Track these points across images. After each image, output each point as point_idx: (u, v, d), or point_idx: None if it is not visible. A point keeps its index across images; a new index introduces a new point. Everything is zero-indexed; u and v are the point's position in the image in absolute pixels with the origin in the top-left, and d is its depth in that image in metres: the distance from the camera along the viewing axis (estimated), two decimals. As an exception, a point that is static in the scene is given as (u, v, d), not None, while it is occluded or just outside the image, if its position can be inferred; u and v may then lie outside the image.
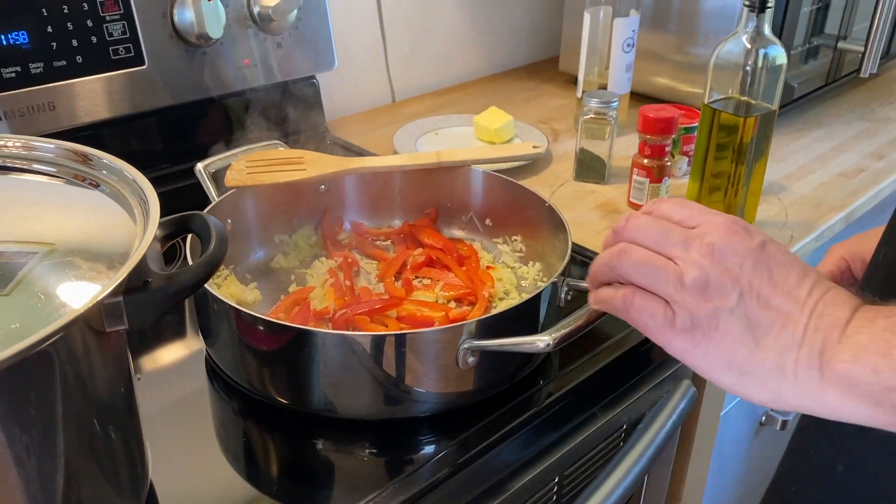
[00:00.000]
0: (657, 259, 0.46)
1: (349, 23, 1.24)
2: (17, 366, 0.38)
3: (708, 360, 0.45)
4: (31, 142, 0.54)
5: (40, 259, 0.47)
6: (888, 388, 0.40)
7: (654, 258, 0.46)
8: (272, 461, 0.65)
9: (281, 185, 0.77)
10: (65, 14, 0.89)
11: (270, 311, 0.72)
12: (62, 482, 0.45)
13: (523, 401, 0.68)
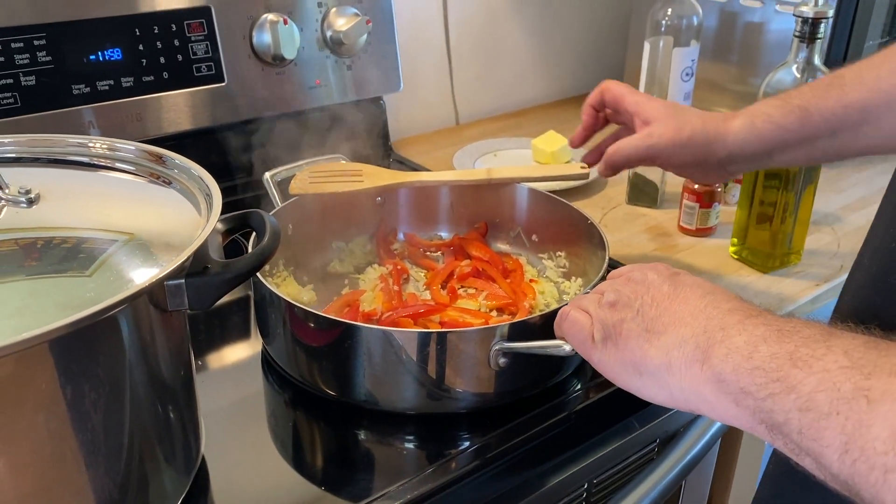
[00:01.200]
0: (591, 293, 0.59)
1: (418, 48, 1.30)
2: (88, 329, 0.43)
3: (617, 367, 0.53)
4: (115, 143, 0.61)
5: (119, 246, 0.53)
6: (742, 389, 0.43)
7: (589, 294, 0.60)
8: (317, 447, 0.70)
9: (340, 194, 0.83)
10: (155, 34, 0.97)
11: (323, 311, 0.78)
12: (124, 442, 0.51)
13: (555, 405, 0.71)
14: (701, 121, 0.76)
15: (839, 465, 0.38)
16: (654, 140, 0.76)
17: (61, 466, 0.47)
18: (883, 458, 0.35)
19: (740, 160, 0.76)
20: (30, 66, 0.90)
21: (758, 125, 0.73)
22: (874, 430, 0.36)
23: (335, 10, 1.09)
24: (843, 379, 0.38)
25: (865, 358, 0.39)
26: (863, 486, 0.37)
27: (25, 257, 0.51)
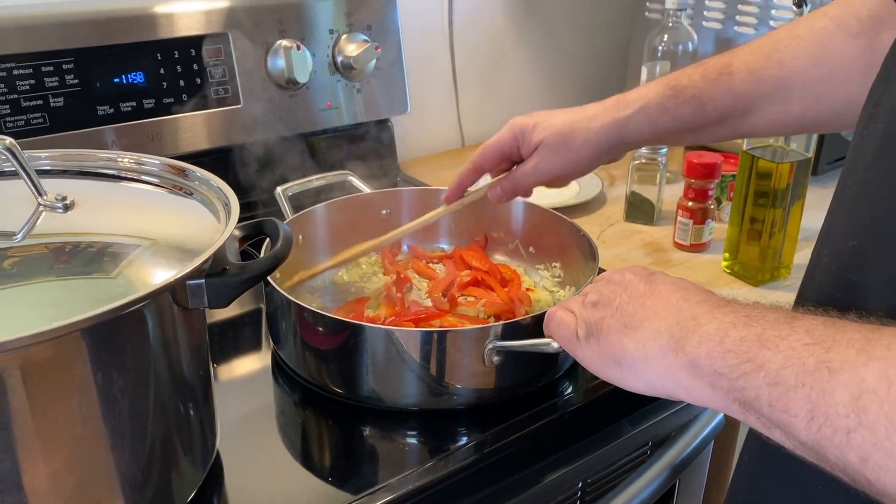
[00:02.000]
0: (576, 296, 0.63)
1: (425, 73, 1.36)
2: (117, 320, 0.48)
3: (599, 361, 0.57)
4: (141, 157, 0.66)
5: (144, 250, 0.58)
6: (716, 371, 0.47)
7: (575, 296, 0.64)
8: (325, 443, 0.74)
9: (349, 207, 0.89)
10: (175, 59, 1.03)
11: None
12: (147, 428, 0.55)
13: (549, 405, 0.75)
14: (591, 148, 0.79)
15: (807, 433, 0.42)
16: (537, 175, 0.81)
17: (90, 447, 0.52)
18: (845, 420, 0.39)
19: (633, 147, 0.82)
20: (58, 88, 0.96)
21: (653, 118, 0.77)
22: (836, 397, 0.40)
23: (346, 36, 1.14)
24: (806, 354, 0.43)
25: (825, 334, 0.43)
26: (828, 449, 0.41)
27: (56, 260, 0.55)
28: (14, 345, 0.44)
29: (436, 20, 1.35)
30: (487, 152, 0.84)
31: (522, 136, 0.82)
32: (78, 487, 0.52)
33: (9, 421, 0.47)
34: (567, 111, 0.82)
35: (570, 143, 0.79)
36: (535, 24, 1.48)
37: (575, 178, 0.84)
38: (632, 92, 0.80)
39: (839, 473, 0.41)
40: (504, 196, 0.84)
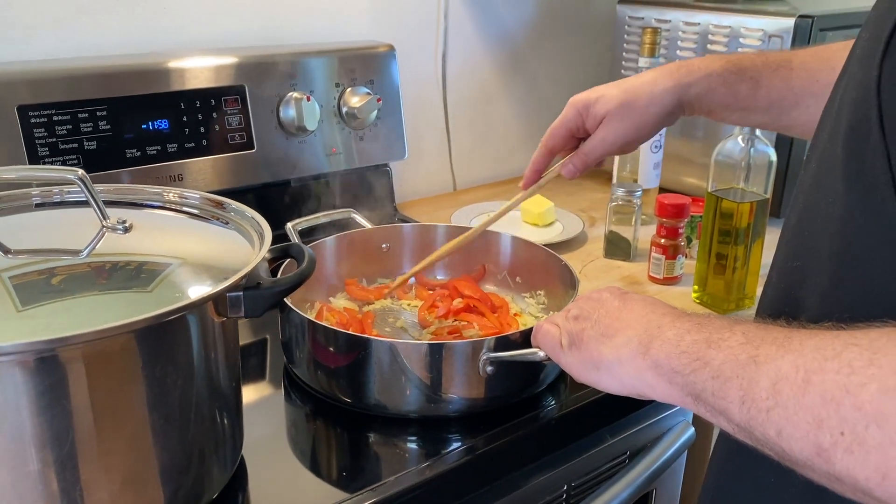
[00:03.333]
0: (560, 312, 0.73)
1: (421, 123, 1.47)
2: (166, 323, 0.58)
3: (580, 366, 0.66)
4: (184, 192, 0.76)
5: (187, 270, 0.68)
6: (673, 370, 0.56)
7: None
8: (333, 448, 0.83)
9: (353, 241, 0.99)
10: (197, 107, 1.14)
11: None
12: (190, 419, 0.64)
13: (536, 414, 0.84)
14: (656, 110, 0.85)
15: (739, 416, 0.51)
16: (607, 145, 0.88)
17: (140, 434, 0.61)
18: (766, 402, 0.49)
19: (688, 113, 0.88)
20: (92, 133, 1.06)
21: (714, 87, 0.84)
22: (760, 384, 0.50)
23: (350, 89, 1.26)
24: (740, 351, 0.52)
25: (756, 335, 0.53)
26: (755, 427, 0.50)
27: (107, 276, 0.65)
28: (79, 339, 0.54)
29: (431, 75, 1.48)
30: (557, 132, 0.91)
31: (587, 111, 0.88)
32: (127, 469, 0.61)
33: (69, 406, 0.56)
34: (623, 81, 0.88)
35: (634, 108, 0.85)
36: (520, 79, 1.61)
37: (640, 143, 0.90)
38: (696, 61, 0.86)
39: (763, 448, 0.51)
40: (577, 171, 0.90)
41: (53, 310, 0.61)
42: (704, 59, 0.87)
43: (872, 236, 0.50)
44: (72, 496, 0.58)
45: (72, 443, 0.57)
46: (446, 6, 1.44)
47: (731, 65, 0.85)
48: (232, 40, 1.23)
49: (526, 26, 1.58)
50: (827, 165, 0.55)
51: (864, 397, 0.43)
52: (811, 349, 0.47)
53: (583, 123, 0.90)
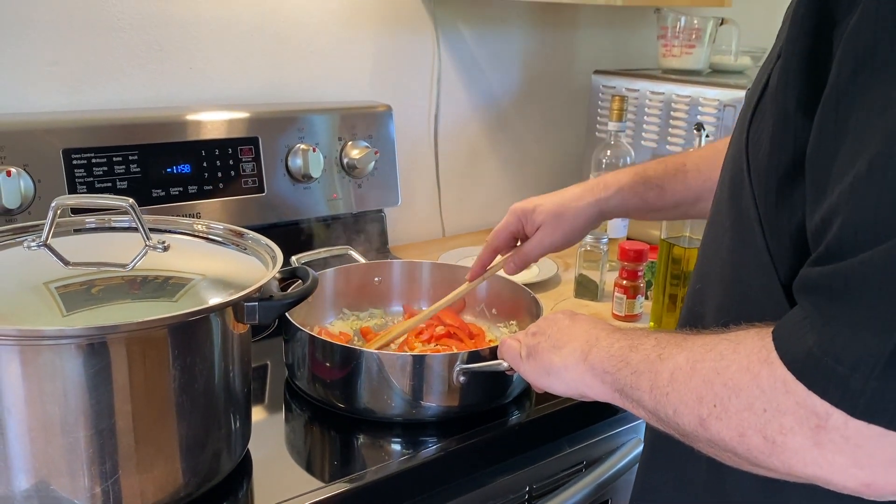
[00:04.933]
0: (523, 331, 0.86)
1: (413, 173, 1.63)
2: (193, 322, 0.72)
3: (535, 373, 0.80)
4: (210, 224, 0.91)
5: (211, 284, 0.82)
6: (605, 370, 0.70)
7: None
8: (326, 446, 0.96)
9: (349, 274, 1.14)
10: (215, 155, 1.30)
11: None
12: (211, 406, 0.78)
13: (503, 421, 0.98)
14: (583, 220, 1.01)
15: (649, 401, 0.65)
16: (542, 248, 1.02)
17: (169, 411, 0.74)
18: (666, 388, 0.63)
19: (610, 217, 1.04)
20: (124, 174, 1.22)
21: (626, 198, 0.99)
22: (663, 375, 0.64)
23: (351, 143, 1.42)
24: (652, 352, 0.66)
25: (665, 339, 0.67)
26: (660, 409, 0.64)
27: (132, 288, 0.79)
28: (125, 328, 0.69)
29: (424, 133, 1.64)
30: (500, 235, 1.05)
31: (525, 218, 1.03)
32: (155, 443, 0.74)
33: (113, 386, 0.70)
34: (556, 194, 1.03)
35: (564, 218, 1.00)
36: (505, 137, 1.78)
37: (570, 245, 1.04)
38: (609, 176, 1.02)
39: (667, 428, 0.64)
40: (517, 269, 1.04)
41: (94, 314, 0.75)
42: (617, 173, 1.03)
43: (748, 262, 0.65)
44: (111, 462, 0.71)
45: (113, 416, 0.71)
46: (439, 73, 1.62)
47: (639, 177, 1.00)
48: (249, 97, 1.40)
49: (511, 92, 1.76)
50: (719, 207, 0.70)
51: (727, 375, 0.57)
52: (699, 345, 0.62)
53: (522, 228, 1.04)
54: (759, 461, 0.56)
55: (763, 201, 0.61)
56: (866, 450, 0.49)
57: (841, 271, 0.49)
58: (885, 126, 0.47)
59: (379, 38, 1.52)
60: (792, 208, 0.59)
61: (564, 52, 1.82)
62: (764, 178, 0.61)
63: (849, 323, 0.49)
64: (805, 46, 0.55)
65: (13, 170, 1.10)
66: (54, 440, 0.70)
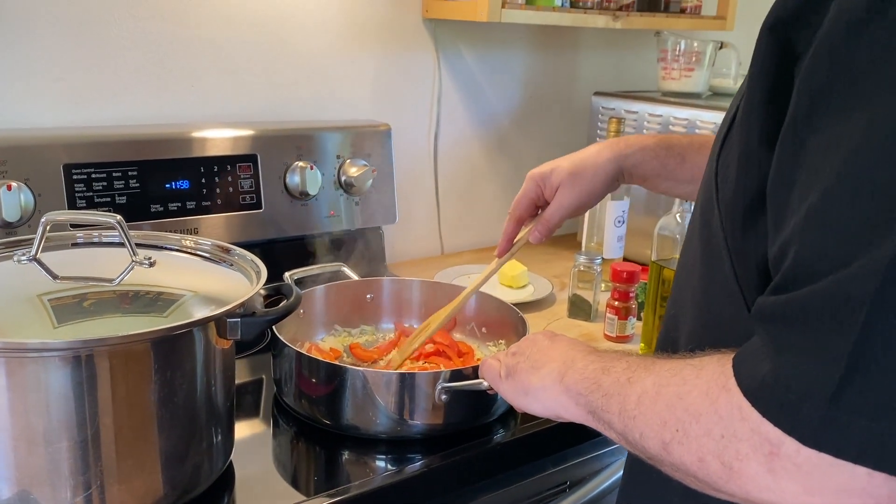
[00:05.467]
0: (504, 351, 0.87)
1: (414, 193, 1.65)
2: (176, 336, 0.73)
3: (513, 392, 0.81)
4: (198, 240, 0.93)
5: (199, 299, 0.84)
6: (579, 392, 0.71)
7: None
8: (312, 462, 0.97)
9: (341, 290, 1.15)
10: (214, 171, 1.32)
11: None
12: (192, 419, 0.79)
13: (486, 440, 0.98)
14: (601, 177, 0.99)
15: (619, 424, 0.66)
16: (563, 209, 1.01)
17: (148, 424, 0.75)
18: (633, 411, 0.64)
19: (627, 181, 1.02)
20: (123, 189, 1.24)
21: (647, 159, 0.98)
22: (630, 398, 0.64)
23: (350, 161, 1.44)
24: (622, 375, 0.67)
25: (635, 363, 0.67)
26: (628, 433, 0.64)
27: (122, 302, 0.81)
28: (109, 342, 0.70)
29: (424, 152, 1.66)
30: (521, 204, 1.04)
31: (544, 182, 1.02)
32: (136, 454, 0.75)
33: (96, 397, 0.71)
34: (574, 154, 1.01)
35: (583, 176, 0.98)
36: (504, 157, 1.80)
37: (592, 205, 1.02)
38: (633, 137, 1.02)
39: (634, 450, 0.64)
40: (542, 236, 1.02)
41: (85, 327, 0.77)
42: (641, 135, 1.03)
43: (717, 289, 0.65)
44: (93, 471, 0.73)
45: (96, 427, 0.72)
46: (440, 93, 1.64)
47: (663, 142, 1.00)
48: (249, 115, 1.42)
49: (511, 112, 1.77)
50: (692, 233, 0.71)
51: (689, 400, 0.58)
52: (665, 370, 0.62)
53: (541, 193, 1.04)
54: (719, 486, 0.56)
55: (730, 230, 0.62)
56: (817, 478, 0.49)
57: (794, 301, 0.50)
58: (837, 162, 0.48)
59: (380, 58, 1.55)
60: (757, 238, 0.60)
61: (565, 74, 1.84)
62: (731, 207, 0.62)
63: (800, 352, 0.49)
64: (768, 80, 0.56)
65: (14, 184, 1.12)
66: (37, 450, 0.72)
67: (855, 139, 0.47)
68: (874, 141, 0.46)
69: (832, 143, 0.49)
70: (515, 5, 1.44)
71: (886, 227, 0.45)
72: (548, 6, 1.49)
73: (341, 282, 1.21)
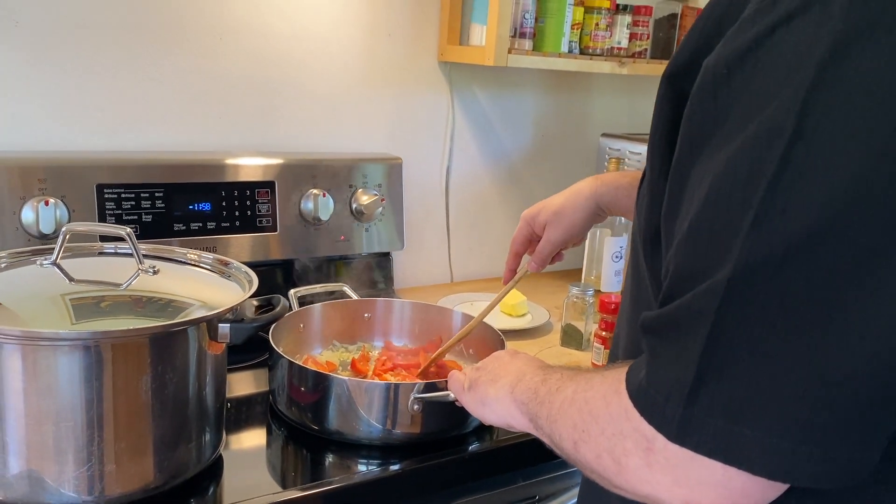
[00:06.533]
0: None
1: (425, 222, 1.75)
2: (170, 333, 0.84)
3: (473, 403, 0.89)
4: (201, 254, 1.04)
5: (190, 305, 0.94)
6: (523, 402, 0.78)
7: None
8: (299, 462, 1.06)
9: (339, 308, 1.25)
10: (234, 195, 1.44)
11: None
12: (182, 410, 0.89)
13: (461, 449, 1.06)
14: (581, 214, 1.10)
15: (546, 427, 0.73)
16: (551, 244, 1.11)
17: (144, 412, 0.85)
18: (556, 415, 0.71)
19: (608, 214, 1.11)
20: (150, 209, 1.36)
21: (620, 195, 1.07)
22: (555, 404, 0.72)
23: (361, 190, 1.55)
24: (553, 385, 0.75)
25: (567, 375, 0.75)
26: (553, 435, 0.72)
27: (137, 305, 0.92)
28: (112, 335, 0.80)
29: (436, 183, 1.76)
30: (517, 241, 1.16)
31: (533, 221, 1.14)
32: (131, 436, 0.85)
33: (100, 383, 0.81)
34: (560, 194, 1.13)
35: (565, 214, 1.10)
36: (514, 192, 1.88)
37: (578, 238, 1.13)
38: (609, 175, 1.12)
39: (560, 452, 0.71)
40: (538, 266, 1.13)
41: (99, 324, 0.88)
42: (618, 174, 1.13)
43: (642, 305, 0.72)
44: (93, 449, 0.83)
45: (98, 409, 0.82)
46: (453, 130, 1.74)
47: (636, 180, 1.07)
48: (270, 145, 1.54)
49: (522, 150, 1.87)
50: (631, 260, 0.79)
51: (592, 404, 0.65)
52: (583, 379, 0.70)
53: (533, 231, 1.15)
54: (613, 481, 0.63)
55: (646, 252, 0.70)
56: (682, 470, 0.56)
57: (663, 315, 0.58)
58: (701, 194, 0.56)
59: (398, 97, 1.66)
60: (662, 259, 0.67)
61: (577, 115, 1.93)
62: (644, 232, 0.70)
63: (665, 359, 0.57)
64: (666, 123, 0.64)
65: (51, 200, 1.25)
66: (45, 429, 0.82)
67: (715, 175, 0.55)
68: (725, 178, 0.54)
69: (704, 178, 0.57)
70: (522, 51, 1.54)
71: (727, 251, 0.52)
72: (554, 52, 1.59)
73: (340, 300, 1.30)
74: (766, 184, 0.51)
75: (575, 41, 1.64)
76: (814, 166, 0.50)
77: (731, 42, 0.55)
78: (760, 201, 0.51)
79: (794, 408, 0.52)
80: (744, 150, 0.53)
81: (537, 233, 1.14)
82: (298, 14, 1.51)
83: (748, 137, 0.52)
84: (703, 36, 0.60)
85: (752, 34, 0.53)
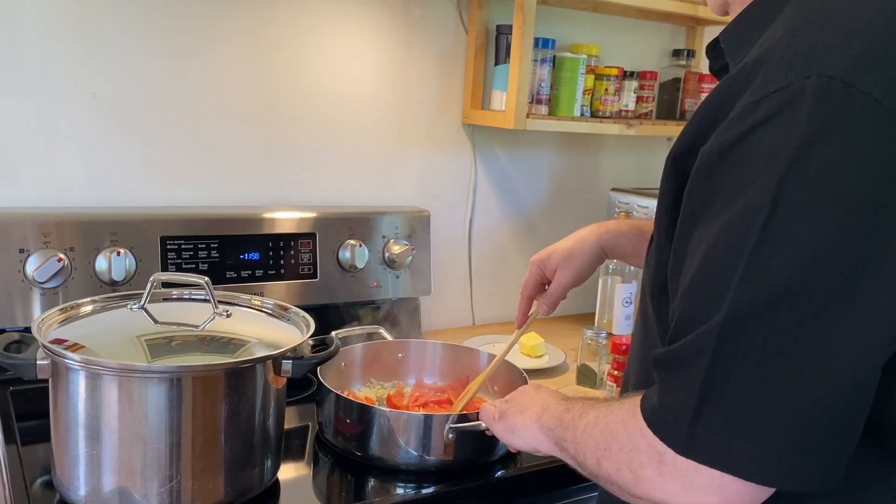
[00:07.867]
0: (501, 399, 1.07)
1: (449, 269, 1.89)
2: (242, 368, 0.98)
3: (503, 431, 1.01)
4: (263, 300, 1.18)
5: (259, 345, 1.08)
6: (549, 429, 0.91)
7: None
8: (344, 485, 1.19)
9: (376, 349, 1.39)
10: (280, 246, 1.59)
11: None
12: (250, 435, 1.02)
13: (490, 475, 1.19)
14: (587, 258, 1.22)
15: (571, 449, 0.86)
16: (562, 286, 1.24)
17: (219, 437, 0.99)
18: (581, 437, 0.84)
19: (610, 258, 1.24)
20: (206, 258, 1.51)
21: (622, 242, 1.20)
22: (579, 428, 0.85)
23: (393, 240, 1.69)
24: (577, 413, 0.88)
25: (588, 404, 0.88)
26: (578, 455, 0.85)
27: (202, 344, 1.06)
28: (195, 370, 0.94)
29: (460, 233, 1.91)
30: (528, 285, 1.28)
31: (544, 266, 1.26)
32: (207, 458, 0.99)
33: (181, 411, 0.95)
34: (566, 239, 1.24)
35: (574, 258, 1.21)
36: (533, 240, 2.03)
37: (584, 279, 1.23)
38: (612, 223, 1.24)
39: (584, 471, 0.84)
40: (549, 309, 1.25)
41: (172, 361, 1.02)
42: (621, 221, 1.26)
43: (650, 343, 0.86)
44: (175, 468, 0.96)
45: (179, 434, 0.96)
46: (475, 185, 1.90)
47: (636, 227, 1.23)
48: (311, 200, 1.70)
49: (539, 203, 2.02)
50: (640, 306, 0.93)
51: (613, 426, 0.78)
52: (604, 406, 0.83)
53: (543, 274, 1.28)
54: (632, 491, 0.76)
55: (656, 300, 0.84)
56: (689, 479, 0.70)
57: (671, 352, 0.71)
58: (700, 256, 0.70)
59: (426, 156, 1.82)
60: (669, 305, 0.81)
61: (588, 172, 2.08)
62: (652, 283, 0.84)
63: (673, 388, 0.70)
64: (671, 195, 0.78)
65: (122, 251, 1.40)
66: (136, 449, 0.96)
67: (710, 240, 0.69)
68: (719, 244, 0.68)
69: (702, 242, 0.71)
70: (539, 115, 1.70)
71: (721, 300, 0.66)
72: (567, 116, 1.75)
73: (377, 341, 1.44)
74: (750, 249, 0.65)
75: (586, 105, 1.80)
76: (786, 237, 0.64)
77: (723, 135, 0.69)
78: (746, 262, 0.65)
79: (777, 426, 0.65)
80: (732, 223, 0.67)
81: (548, 276, 1.27)
82: (337, 84, 1.68)
83: (735, 213, 0.67)
84: (701, 126, 0.74)
85: (738, 130, 0.68)
